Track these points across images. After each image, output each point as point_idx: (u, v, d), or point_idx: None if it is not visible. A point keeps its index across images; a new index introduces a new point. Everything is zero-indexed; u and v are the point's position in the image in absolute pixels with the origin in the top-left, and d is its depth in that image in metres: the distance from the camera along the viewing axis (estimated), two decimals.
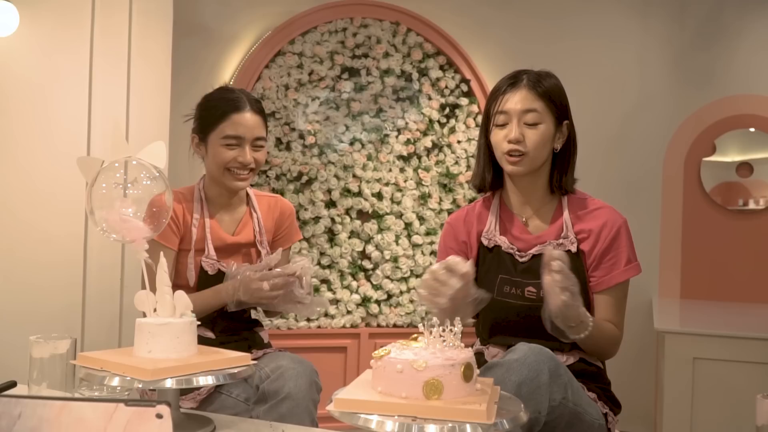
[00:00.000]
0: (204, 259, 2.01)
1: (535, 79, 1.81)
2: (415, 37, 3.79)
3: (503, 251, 1.86)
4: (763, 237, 3.95)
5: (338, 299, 3.66)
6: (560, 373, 1.53)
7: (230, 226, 2.10)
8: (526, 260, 1.84)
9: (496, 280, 1.85)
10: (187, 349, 1.47)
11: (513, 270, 1.84)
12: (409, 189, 3.77)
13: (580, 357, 1.82)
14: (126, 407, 0.87)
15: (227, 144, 2.00)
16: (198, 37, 3.50)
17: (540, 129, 1.78)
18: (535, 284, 1.78)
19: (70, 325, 2.63)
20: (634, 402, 3.28)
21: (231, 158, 2.00)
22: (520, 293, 1.82)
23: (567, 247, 1.80)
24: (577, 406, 1.58)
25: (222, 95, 2.07)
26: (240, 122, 2.00)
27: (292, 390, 1.71)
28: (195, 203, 2.06)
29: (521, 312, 1.81)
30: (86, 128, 2.70)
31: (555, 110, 1.81)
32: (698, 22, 4.13)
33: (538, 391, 1.47)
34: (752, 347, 2.81)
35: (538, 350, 1.53)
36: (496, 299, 1.83)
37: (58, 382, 1.44)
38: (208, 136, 2.03)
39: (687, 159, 4.09)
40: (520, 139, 1.77)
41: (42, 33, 2.66)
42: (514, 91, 1.80)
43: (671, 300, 3.98)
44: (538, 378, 1.48)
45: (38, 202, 2.65)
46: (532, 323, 1.79)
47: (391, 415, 1.18)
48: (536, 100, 1.78)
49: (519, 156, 1.78)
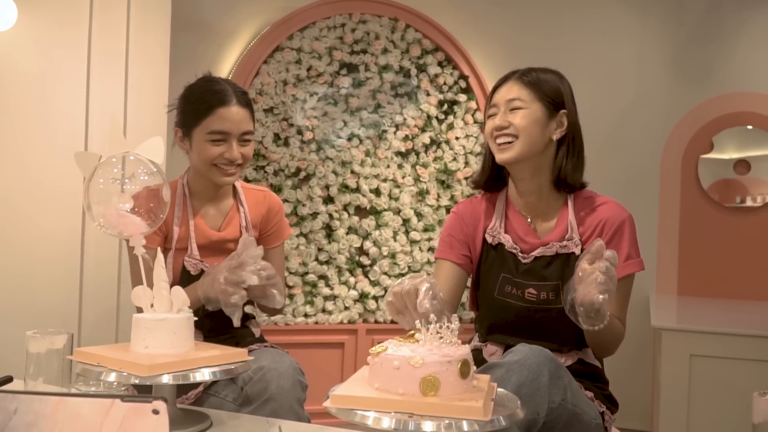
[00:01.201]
0: (187, 258, 1.95)
1: (526, 71, 1.83)
2: (413, 34, 3.79)
3: (506, 250, 1.85)
4: (760, 234, 3.95)
5: (336, 295, 3.66)
6: (560, 374, 1.52)
7: (216, 220, 2.02)
8: (529, 261, 1.83)
9: (498, 279, 1.84)
10: (184, 344, 1.47)
11: (515, 270, 1.83)
12: (407, 185, 3.77)
13: (578, 358, 1.82)
14: (122, 403, 0.87)
15: (213, 140, 1.90)
16: (196, 32, 3.49)
17: (524, 112, 1.78)
18: (536, 286, 1.79)
19: (67, 320, 2.62)
20: (631, 399, 3.29)
21: (217, 154, 1.91)
22: (521, 294, 1.82)
23: (571, 249, 1.79)
24: (576, 407, 1.58)
25: (206, 87, 1.95)
26: (226, 117, 1.90)
27: (274, 392, 1.67)
28: (178, 198, 1.97)
29: (520, 313, 1.81)
30: (84, 123, 2.69)
31: (544, 97, 1.80)
32: (696, 19, 4.12)
33: (537, 393, 1.46)
34: (749, 344, 2.81)
35: (539, 351, 1.52)
36: (497, 298, 1.84)
37: (54, 378, 1.44)
38: (192, 130, 1.93)
39: (684, 156, 4.09)
40: (504, 125, 1.78)
41: (40, 28, 2.65)
42: (504, 85, 1.84)
43: (668, 297, 3.99)
44: (538, 380, 1.47)
45: (36, 196, 2.64)
46: (531, 324, 1.79)
47: (387, 411, 1.18)
48: (522, 88, 1.80)
49: (508, 142, 1.78)
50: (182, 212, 1.97)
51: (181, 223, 1.97)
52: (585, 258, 1.50)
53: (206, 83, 1.98)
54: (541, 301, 1.79)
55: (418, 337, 1.29)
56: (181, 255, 1.96)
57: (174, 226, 1.95)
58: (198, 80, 2.01)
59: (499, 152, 1.80)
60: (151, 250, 1.86)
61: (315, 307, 3.63)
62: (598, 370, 1.86)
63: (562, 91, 1.83)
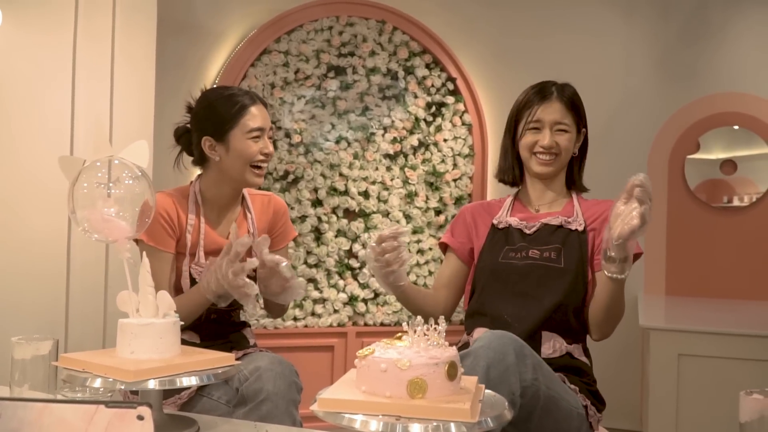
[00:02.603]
0: (193, 266, 1.95)
1: (563, 92, 1.99)
2: (401, 36, 3.79)
3: (513, 227, 1.98)
4: (747, 234, 3.97)
5: (325, 298, 3.65)
6: (525, 353, 1.58)
7: (225, 228, 2.04)
8: (533, 230, 1.96)
9: (502, 250, 1.96)
10: (170, 349, 1.46)
11: (521, 240, 1.96)
12: (395, 187, 3.77)
13: (567, 351, 1.84)
14: (107, 409, 0.86)
15: (253, 137, 1.97)
16: (183, 35, 3.48)
17: (568, 136, 1.97)
18: (539, 248, 1.92)
19: (53, 326, 2.61)
20: (620, 399, 3.29)
21: (258, 150, 1.97)
22: (524, 255, 1.92)
23: (574, 227, 1.93)
24: (551, 390, 1.62)
25: (226, 92, 2.01)
26: (259, 114, 1.98)
27: (270, 392, 1.68)
28: (191, 205, 1.99)
29: (522, 270, 1.90)
30: (69, 127, 2.67)
31: (579, 121, 2.00)
32: (683, 19, 4.15)
33: (506, 373, 1.51)
34: (737, 344, 2.82)
35: (501, 335, 1.59)
36: (500, 262, 1.93)
37: (40, 384, 1.42)
38: (228, 134, 1.96)
39: (671, 156, 4.11)
40: (553, 146, 1.95)
41: (25, 32, 2.64)
42: (547, 104, 1.97)
43: (656, 297, 4.00)
44: (504, 359, 1.52)
45: (21, 201, 2.63)
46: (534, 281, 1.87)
47: (375, 414, 1.18)
48: (567, 113, 1.97)
49: (552, 158, 1.96)
50: (195, 219, 1.99)
51: (193, 230, 1.98)
52: (620, 199, 1.58)
53: (222, 90, 2.05)
54: (544, 258, 1.90)
55: (405, 339, 1.29)
56: (191, 261, 1.97)
57: (186, 233, 1.96)
58: (209, 91, 2.06)
59: (539, 166, 1.97)
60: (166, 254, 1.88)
61: (304, 311, 3.63)
62: (586, 366, 1.87)
63: (584, 110, 2.03)
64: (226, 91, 2.02)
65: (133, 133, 2.70)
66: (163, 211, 1.90)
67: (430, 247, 3.78)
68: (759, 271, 3.93)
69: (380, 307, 3.72)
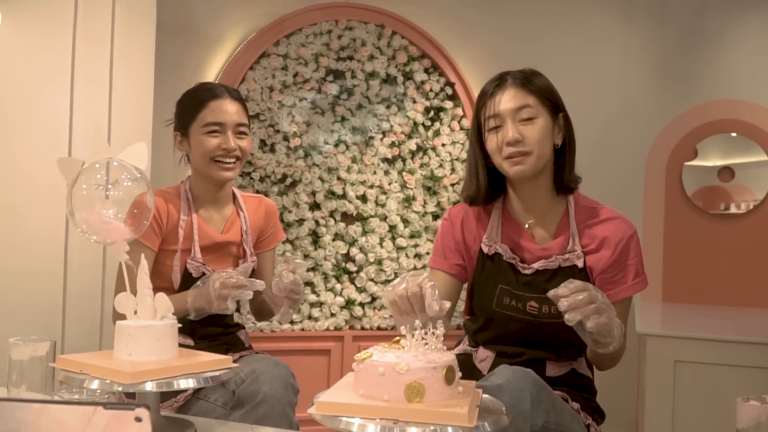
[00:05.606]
0: (189, 260, 1.98)
1: (521, 75, 1.73)
2: (399, 40, 3.79)
3: (504, 261, 1.77)
4: (744, 241, 3.98)
5: (322, 302, 3.65)
6: (542, 398, 1.47)
7: (219, 224, 2.07)
8: (530, 273, 1.74)
9: (496, 291, 1.76)
10: (167, 351, 1.46)
11: (514, 282, 1.75)
12: (393, 192, 3.77)
13: (571, 368, 1.79)
14: (104, 410, 0.86)
15: (209, 131, 1.97)
16: (183, 38, 3.48)
17: (537, 123, 1.68)
18: (538, 299, 1.70)
19: (50, 327, 2.60)
20: (616, 405, 3.29)
21: (215, 146, 1.97)
22: (522, 307, 1.74)
23: (573, 262, 1.72)
24: (560, 426, 1.54)
25: (198, 87, 2.08)
26: (219, 108, 1.98)
27: (267, 394, 1.68)
28: (182, 202, 2.02)
29: (521, 326, 1.75)
30: (68, 129, 2.67)
31: (548, 103, 1.71)
32: (681, 26, 4.16)
33: (519, 418, 1.42)
34: (733, 350, 2.82)
35: (522, 375, 1.47)
36: (496, 310, 1.76)
37: (37, 385, 1.42)
38: (189, 128, 2.01)
39: (669, 163, 4.12)
40: (519, 138, 1.67)
41: (24, 33, 2.63)
42: (502, 92, 1.71)
43: (653, 303, 4.01)
44: (519, 405, 1.42)
45: (19, 202, 2.62)
46: (532, 336, 1.74)
47: (372, 418, 1.17)
48: (527, 95, 1.69)
49: (521, 156, 1.68)
50: (187, 215, 2.01)
51: (186, 225, 2.00)
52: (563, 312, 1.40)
53: (198, 85, 2.10)
54: (543, 314, 1.71)
55: (403, 343, 1.29)
56: (184, 257, 1.99)
57: (179, 228, 1.98)
58: (192, 87, 2.11)
59: (512, 166, 1.69)
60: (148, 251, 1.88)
61: (301, 314, 3.62)
62: (589, 381, 1.83)
63: (556, 92, 1.75)
64: (199, 86, 2.08)
65: (131, 135, 2.70)
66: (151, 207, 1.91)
67: (428, 252, 3.78)
68: (756, 278, 3.94)
69: (377, 311, 3.71)
